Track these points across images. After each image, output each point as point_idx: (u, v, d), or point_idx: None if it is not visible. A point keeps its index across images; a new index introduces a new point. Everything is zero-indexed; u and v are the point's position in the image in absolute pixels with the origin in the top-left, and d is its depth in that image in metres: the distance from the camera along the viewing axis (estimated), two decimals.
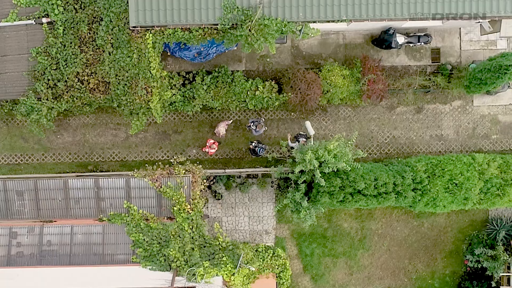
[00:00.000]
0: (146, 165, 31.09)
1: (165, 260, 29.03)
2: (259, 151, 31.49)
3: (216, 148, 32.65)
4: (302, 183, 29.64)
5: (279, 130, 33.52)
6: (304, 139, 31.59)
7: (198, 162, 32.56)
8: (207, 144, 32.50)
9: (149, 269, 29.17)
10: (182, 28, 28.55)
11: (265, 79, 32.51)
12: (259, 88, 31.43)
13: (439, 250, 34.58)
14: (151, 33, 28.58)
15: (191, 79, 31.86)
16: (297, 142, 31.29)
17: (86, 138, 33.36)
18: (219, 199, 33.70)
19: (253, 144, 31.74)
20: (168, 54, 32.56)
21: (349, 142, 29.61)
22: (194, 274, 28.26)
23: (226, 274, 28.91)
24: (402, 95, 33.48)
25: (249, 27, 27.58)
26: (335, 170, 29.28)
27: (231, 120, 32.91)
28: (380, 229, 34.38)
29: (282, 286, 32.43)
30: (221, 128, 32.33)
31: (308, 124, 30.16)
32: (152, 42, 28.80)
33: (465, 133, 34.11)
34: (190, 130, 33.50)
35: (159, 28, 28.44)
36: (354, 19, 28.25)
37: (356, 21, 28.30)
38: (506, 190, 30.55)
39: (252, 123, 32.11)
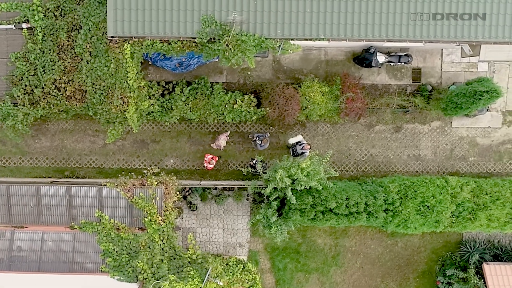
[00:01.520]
0: (123, 172, 31.27)
1: (133, 271, 28.96)
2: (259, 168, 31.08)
3: (215, 163, 32.63)
4: (275, 199, 29.68)
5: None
6: (307, 144, 31.74)
7: (173, 173, 32.35)
8: (206, 159, 32.47)
9: (117, 279, 29.05)
10: (161, 40, 28.55)
11: (245, 92, 32.48)
12: (237, 102, 31.35)
13: (412, 269, 34.47)
14: (129, 43, 28.61)
15: (170, 90, 31.81)
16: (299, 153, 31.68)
17: (64, 144, 33.23)
18: (194, 210, 33.57)
19: (254, 161, 31.46)
20: (150, 63, 32.45)
21: (323, 160, 29.50)
22: (159, 287, 28.04)
23: None
24: (381, 113, 33.40)
25: (227, 42, 27.57)
26: (308, 188, 29.18)
27: (229, 132, 32.78)
28: (354, 246, 34.24)
29: None
30: (222, 141, 32.27)
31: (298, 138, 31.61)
32: (131, 53, 28.83)
33: (442, 154, 33.99)
34: (168, 140, 33.37)
35: (138, 39, 28.42)
36: (332, 38, 28.24)
37: (334, 40, 28.32)
38: (478, 215, 30.56)
39: (257, 138, 32.10)
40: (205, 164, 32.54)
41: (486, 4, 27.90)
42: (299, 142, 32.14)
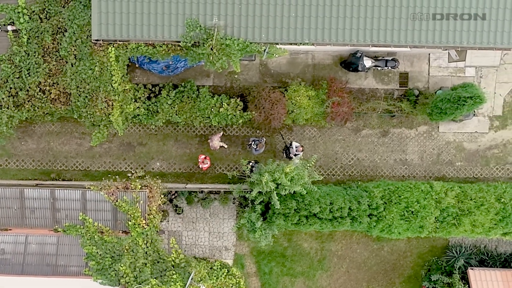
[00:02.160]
0: (109, 175, 31.41)
1: (115, 274, 28.96)
2: (255, 171, 31.19)
3: (209, 163, 32.55)
4: (259, 203, 29.76)
5: (244, 147, 33.46)
6: (301, 146, 31.76)
7: (159, 176, 32.43)
8: (199, 160, 32.40)
9: (100, 283, 29.08)
10: (145, 43, 28.55)
11: (232, 95, 32.46)
12: (223, 105, 31.32)
13: (398, 274, 34.51)
14: (113, 47, 28.62)
15: (157, 92, 31.80)
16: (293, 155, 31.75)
17: (50, 146, 33.21)
18: (179, 214, 33.59)
19: (251, 163, 31.46)
20: (136, 66, 32.49)
21: (308, 165, 29.49)
22: None
23: None
24: (368, 118, 33.43)
25: (211, 46, 27.61)
26: (292, 192, 29.21)
27: (221, 132, 32.76)
28: (340, 250, 34.27)
29: None
30: (215, 142, 32.21)
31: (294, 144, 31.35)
32: (115, 56, 28.86)
33: (429, 158, 34.00)
34: (155, 143, 33.39)
35: (122, 42, 28.43)
36: (316, 42, 28.26)
37: (319, 44, 28.34)
38: (462, 220, 30.58)
39: (253, 142, 32.10)
40: (200, 165, 32.40)
41: (471, 9, 27.94)
42: (291, 144, 32.13)
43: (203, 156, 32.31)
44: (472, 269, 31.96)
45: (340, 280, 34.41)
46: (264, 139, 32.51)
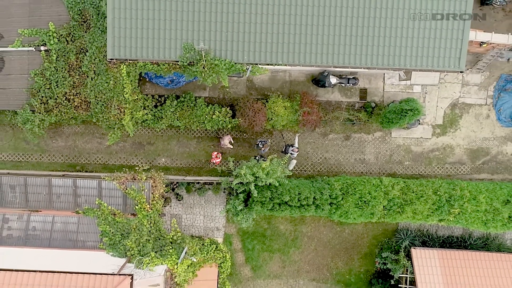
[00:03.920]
0: (123, 169, 31.39)
1: (124, 249, 28.90)
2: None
3: (220, 158, 32.45)
4: (241, 192, 29.83)
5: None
6: (296, 148, 31.72)
7: (164, 170, 32.58)
8: (213, 156, 32.36)
9: (111, 255, 28.90)
10: (151, 62, 28.63)
11: (223, 105, 32.41)
12: (216, 113, 31.32)
13: (356, 252, 34.49)
14: (125, 64, 28.73)
15: (162, 102, 31.80)
16: (289, 153, 31.71)
17: (76, 144, 33.23)
18: (180, 200, 33.59)
19: (257, 158, 31.51)
20: (147, 80, 32.52)
21: (282, 162, 29.55)
22: (141, 262, 28.04)
23: (171, 263, 28.66)
24: (333, 125, 33.38)
25: (203, 65, 27.69)
26: (268, 184, 29.23)
27: (229, 135, 32.67)
28: (310, 232, 34.21)
29: (223, 274, 32.30)
30: (225, 141, 32.15)
31: (296, 138, 31.48)
32: (127, 72, 28.95)
33: (383, 158, 33.94)
34: (160, 143, 33.36)
35: (132, 61, 28.52)
36: (288, 63, 28.34)
37: (290, 65, 28.40)
38: (405, 208, 30.56)
39: (260, 142, 32.07)
40: (213, 160, 32.39)
41: (408, 39, 27.80)
42: (292, 145, 32.10)
43: (216, 153, 32.30)
44: (414, 248, 31.90)
45: (309, 256, 34.38)
46: (269, 141, 32.54)
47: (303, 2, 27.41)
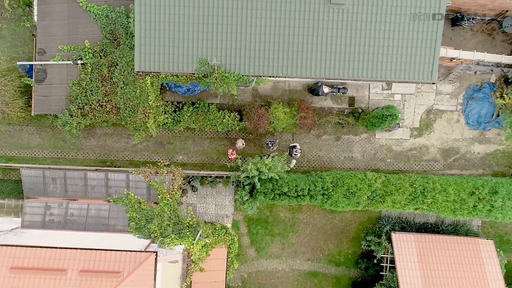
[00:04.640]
0: (147, 164, 32.25)
1: (148, 231, 29.97)
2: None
3: (235, 155, 33.18)
4: (247, 185, 30.95)
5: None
6: (299, 149, 32.72)
7: (181, 165, 33.63)
8: (228, 153, 33.24)
9: (137, 237, 29.97)
10: (171, 74, 29.95)
11: (232, 110, 33.39)
12: (226, 117, 32.48)
13: (345, 236, 35.38)
14: (149, 76, 30.09)
15: (180, 107, 32.94)
16: (293, 154, 32.57)
17: (106, 143, 34.25)
18: (195, 191, 34.57)
19: (265, 156, 32.37)
20: (167, 89, 33.70)
21: (281, 159, 30.87)
22: (163, 243, 29.18)
23: (188, 244, 29.90)
24: (325, 127, 34.39)
25: (216, 77, 29.09)
26: (270, 177, 30.59)
27: (240, 138, 33.54)
28: (305, 219, 35.17)
29: (231, 254, 33.41)
30: (239, 143, 32.98)
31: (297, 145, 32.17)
32: (151, 82, 30.23)
33: (368, 156, 34.91)
34: (178, 142, 34.35)
35: (155, 73, 29.89)
36: (287, 75, 29.61)
37: (289, 77, 29.65)
38: (386, 199, 31.58)
39: (269, 142, 32.95)
40: (229, 157, 33.14)
41: (389, 55, 29.35)
42: (295, 146, 33.18)
43: (231, 150, 33.13)
44: (394, 233, 32.85)
45: (305, 240, 35.34)
46: (277, 141, 33.33)
47: (299, 31, 28.71)
